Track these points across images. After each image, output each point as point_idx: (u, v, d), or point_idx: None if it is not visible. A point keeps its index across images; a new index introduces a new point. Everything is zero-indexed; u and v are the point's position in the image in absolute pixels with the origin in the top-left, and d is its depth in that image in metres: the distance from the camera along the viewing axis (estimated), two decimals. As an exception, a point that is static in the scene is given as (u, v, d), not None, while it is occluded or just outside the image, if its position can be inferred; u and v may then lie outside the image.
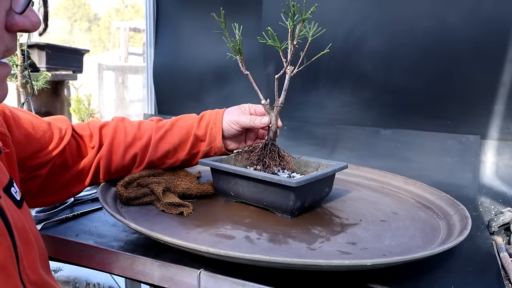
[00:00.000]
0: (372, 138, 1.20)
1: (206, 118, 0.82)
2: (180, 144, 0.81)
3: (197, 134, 0.81)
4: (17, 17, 0.40)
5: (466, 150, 1.09)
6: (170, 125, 0.82)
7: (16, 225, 0.45)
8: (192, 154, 0.83)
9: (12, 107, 0.64)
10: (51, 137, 0.70)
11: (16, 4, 0.40)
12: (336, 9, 1.25)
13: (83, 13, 17.59)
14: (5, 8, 0.39)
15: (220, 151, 0.83)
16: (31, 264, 0.47)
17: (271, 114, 0.79)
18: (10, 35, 0.41)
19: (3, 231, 0.42)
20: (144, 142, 0.79)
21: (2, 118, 0.59)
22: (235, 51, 0.77)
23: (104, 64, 5.72)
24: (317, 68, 1.28)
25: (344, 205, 0.80)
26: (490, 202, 1.02)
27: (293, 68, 0.76)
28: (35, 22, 0.42)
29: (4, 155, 0.55)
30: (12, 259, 0.42)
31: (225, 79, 1.51)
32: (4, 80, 0.43)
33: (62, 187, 0.73)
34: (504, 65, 1.05)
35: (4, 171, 0.50)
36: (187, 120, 0.83)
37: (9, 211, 0.45)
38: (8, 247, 0.42)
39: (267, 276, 0.55)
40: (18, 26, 0.40)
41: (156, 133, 0.80)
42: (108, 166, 0.77)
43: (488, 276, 0.58)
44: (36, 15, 0.42)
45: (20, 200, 0.50)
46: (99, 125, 0.79)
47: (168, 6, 1.64)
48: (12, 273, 0.42)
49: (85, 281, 1.85)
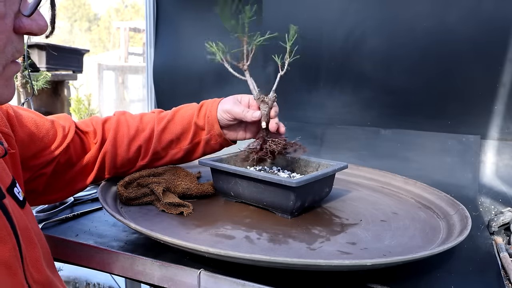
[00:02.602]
0: (372, 138, 1.20)
1: (204, 107, 0.83)
2: (183, 134, 0.82)
3: (198, 123, 0.82)
4: (25, 20, 0.41)
5: (466, 150, 1.09)
6: (171, 116, 0.82)
7: (20, 225, 0.46)
8: (194, 143, 0.83)
9: (15, 106, 0.65)
10: (55, 135, 0.70)
11: (24, 7, 0.41)
12: (336, 9, 1.25)
13: (83, 13, 17.59)
14: (14, 11, 0.40)
15: (220, 138, 0.82)
16: (34, 263, 0.47)
17: (263, 108, 0.79)
18: (18, 37, 0.42)
19: (8, 231, 0.43)
20: (148, 133, 0.80)
21: (6, 118, 0.59)
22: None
23: (104, 64, 5.72)
24: (317, 68, 1.28)
25: (344, 205, 0.80)
26: (490, 202, 1.02)
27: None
28: (42, 26, 0.42)
29: (8, 155, 0.55)
30: (17, 258, 0.43)
31: (225, 79, 1.51)
32: (12, 78, 0.44)
33: (67, 184, 0.73)
34: (504, 65, 1.05)
35: (7, 172, 0.50)
36: (187, 110, 0.83)
37: (12, 211, 0.45)
38: (13, 246, 0.43)
39: (267, 276, 0.55)
40: (25, 28, 0.41)
41: (158, 124, 0.81)
42: (114, 160, 0.77)
43: (488, 276, 0.58)
44: (43, 19, 0.43)
45: (23, 200, 0.50)
46: (101, 121, 0.79)
47: (168, 6, 1.64)
48: (17, 272, 0.42)
49: (85, 281, 1.85)
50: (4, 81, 0.42)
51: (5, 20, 0.39)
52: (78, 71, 2.64)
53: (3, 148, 0.44)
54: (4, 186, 0.47)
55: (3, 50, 0.40)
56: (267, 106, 0.79)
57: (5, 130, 0.57)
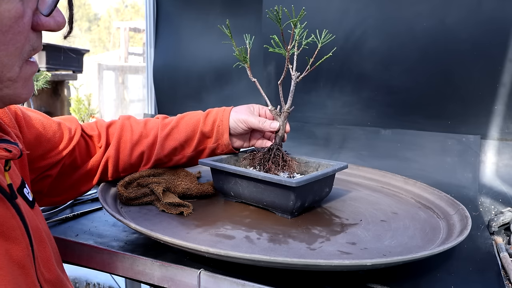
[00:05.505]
0: (372, 138, 1.20)
1: (212, 114, 0.82)
2: (187, 141, 0.81)
3: (204, 130, 0.81)
4: (43, 17, 0.41)
5: (466, 150, 1.09)
6: (176, 122, 0.82)
7: (31, 224, 0.46)
8: (198, 151, 0.83)
9: (23, 107, 0.65)
10: (61, 137, 0.70)
11: (43, 6, 0.40)
12: (336, 9, 1.25)
13: (83, 13, 17.59)
14: (32, 9, 0.40)
15: (227, 148, 0.83)
16: (45, 263, 0.48)
17: (279, 119, 0.80)
18: (36, 34, 0.42)
19: (22, 231, 0.43)
20: (151, 140, 0.80)
21: (14, 119, 0.59)
22: (241, 59, 0.77)
23: (104, 64, 5.73)
24: (317, 68, 1.27)
25: (344, 205, 0.80)
26: (490, 202, 1.02)
27: (299, 74, 0.76)
28: (60, 22, 0.42)
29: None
30: (29, 258, 0.43)
31: (226, 79, 1.51)
32: (31, 78, 0.44)
33: (71, 186, 0.74)
34: (504, 65, 1.05)
35: (17, 173, 0.50)
36: (193, 117, 0.83)
37: (24, 211, 0.45)
38: (26, 245, 0.43)
39: (267, 276, 0.55)
40: (43, 26, 0.41)
41: (162, 130, 0.80)
42: (116, 165, 0.78)
43: (488, 276, 0.58)
44: (61, 15, 0.43)
45: (32, 200, 0.50)
46: (106, 124, 0.79)
47: (168, 6, 1.64)
48: (30, 272, 0.43)
49: (85, 281, 1.85)
50: (23, 81, 0.42)
51: (23, 19, 0.39)
52: (78, 71, 2.64)
53: (19, 149, 0.44)
54: (15, 187, 0.47)
55: (21, 51, 0.40)
56: (285, 117, 0.80)
57: (13, 131, 0.57)
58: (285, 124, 0.80)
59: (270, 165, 0.77)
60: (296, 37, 0.73)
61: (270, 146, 0.80)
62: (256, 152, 0.82)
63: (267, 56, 1.36)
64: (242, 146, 0.87)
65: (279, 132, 0.80)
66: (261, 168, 0.78)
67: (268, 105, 0.81)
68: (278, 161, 0.78)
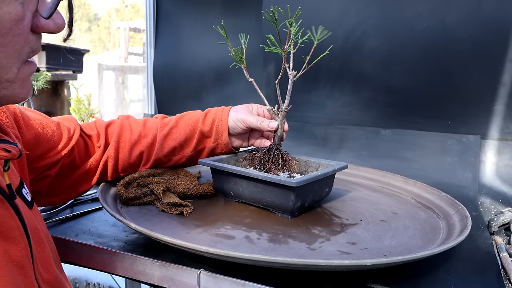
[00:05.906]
0: (372, 138, 1.20)
1: (211, 114, 0.82)
2: (186, 141, 0.81)
3: (203, 130, 0.81)
4: (43, 19, 0.41)
5: (466, 150, 1.09)
6: (175, 122, 0.82)
7: (30, 225, 0.46)
8: (198, 151, 0.83)
9: (22, 107, 0.65)
10: (60, 137, 0.70)
11: (43, 9, 0.40)
12: (336, 9, 1.25)
13: (83, 13, 17.59)
14: (32, 11, 0.40)
15: (226, 148, 0.83)
16: (44, 263, 0.48)
17: (277, 118, 0.80)
18: (36, 36, 0.42)
19: (21, 231, 0.43)
20: (150, 139, 0.80)
21: (13, 119, 0.59)
22: (237, 59, 0.78)
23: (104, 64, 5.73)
24: (317, 68, 1.28)
25: (344, 205, 0.80)
26: (490, 202, 1.02)
27: (296, 73, 0.76)
28: (60, 24, 0.42)
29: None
30: (28, 258, 0.43)
31: (225, 79, 1.51)
32: (29, 78, 0.44)
33: (70, 186, 0.74)
34: (504, 65, 1.05)
35: (16, 173, 0.50)
36: (192, 117, 0.83)
37: (23, 212, 0.45)
38: (25, 246, 0.43)
39: (267, 276, 0.55)
40: (43, 28, 0.41)
41: (161, 130, 0.80)
42: (116, 165, 0.78)
43: (488, 276, 0.58)
44: (61, 17, 0.42)
45: (31, 201, 0.51)
46: (105, 124, 0.79)
47: (168, 6, 1.64)
48: (28, 272, 0.43)
49: (85, 281, 1.85)
50: (21, 82, 0.42)
51: (23, 22, 0.39)
52: (78, 71, 2.64)
53: (18, 149, 0.43)
54: (13, 187, 0.47)
55: (20, 53, 0.40)
56: (283, 116, 0.79)
57: (12, 131, 0.57)
58: (284, 123, 0.80)
59: (270, 165, 0.77)
60: (292, 36, 0.73)
61: (269, 146, 0.80)
62: (256, 152, 0.82)
63: (267, 56, 1.36)
64: (241, 146, 0.87)
65: (278, 131, 0.80)
66: (261, 168, 0.78)
67: (266, 105, 0.81)
68: (278, 161, 0.78)
